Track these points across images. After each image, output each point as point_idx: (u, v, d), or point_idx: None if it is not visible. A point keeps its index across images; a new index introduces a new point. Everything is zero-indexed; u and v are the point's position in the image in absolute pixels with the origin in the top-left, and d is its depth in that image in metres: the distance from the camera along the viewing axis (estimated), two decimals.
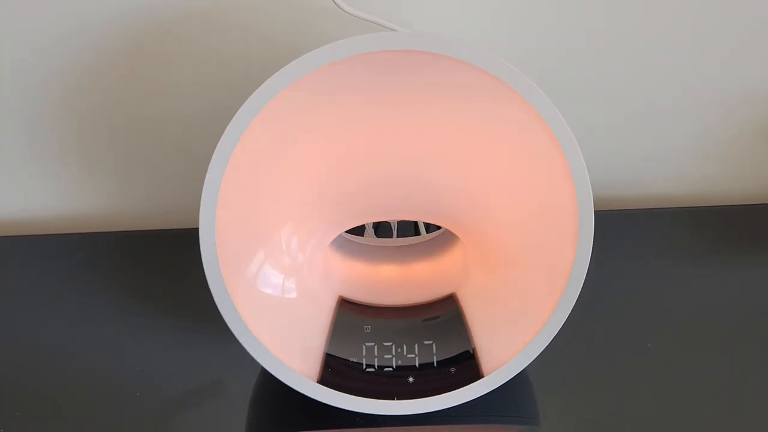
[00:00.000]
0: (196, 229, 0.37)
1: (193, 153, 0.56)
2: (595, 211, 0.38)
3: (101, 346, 0.48)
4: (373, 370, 0.41)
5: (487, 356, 0.41)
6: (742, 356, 0.46)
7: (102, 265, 0.56)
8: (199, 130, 0.55)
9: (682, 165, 0.61)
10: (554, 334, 0.39)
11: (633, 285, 0.52)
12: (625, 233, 0.58)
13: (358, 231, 0.51)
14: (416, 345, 0.42)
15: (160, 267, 0.55)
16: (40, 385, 0.46)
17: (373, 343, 0.42)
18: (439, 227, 0.49)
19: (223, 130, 0.36)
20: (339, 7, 0.46)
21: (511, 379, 0.40)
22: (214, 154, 0.36)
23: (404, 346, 0.42)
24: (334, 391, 0.40)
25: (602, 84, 0.56)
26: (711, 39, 0.54)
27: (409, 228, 0.54)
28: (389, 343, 0.42)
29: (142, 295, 0.52)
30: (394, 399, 0.40)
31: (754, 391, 0.44)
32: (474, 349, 0.41)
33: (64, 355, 0.48)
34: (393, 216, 0.44)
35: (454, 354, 0.41)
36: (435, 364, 0.41)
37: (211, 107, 0.54)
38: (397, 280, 0.46)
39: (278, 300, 0.41)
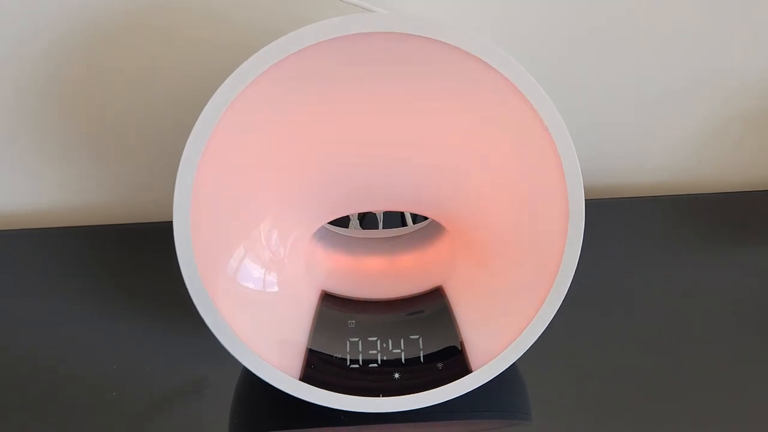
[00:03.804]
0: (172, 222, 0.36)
1: (168, 145, 0.55)
2: (590, 199, 0.37)
3: (75, 344, 0.47)
4: (357, 366, 0.40)
5: (475, 351, 0.40)
6: (735, 346, 0.46)
7: (75, 261, 0.55)
8: (174, 121, 0.54)
9: (673, 153, 0.61)
10: (544, 327, 0.38)
11: (624, 275, 0.52)
12: (616, 222, 0.57)
13: (343, 222, 0.50)
14: (402, 340, 0.41)
15: (136, 261, 0.54)
16: (10, 385, 0.45)
17: (357, 338, 0.41)
18: (426, 218, 0.48)
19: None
20: None
21: (501, 373, 0.39)
22: (187, 146, 0.35)
23: (390, 341, 0.41)
24: (316, 388, 0.39)
25: (594, 71, 0.55)
26: (704, 27, 0.53)
27: (396, 219, 0.53)
28: (374, 338, 0.41)
29: (117, 291, 0.51)
30: (379, 396, 0.39)
31: (748, 381, 0.44)
32: (462, 344, 0.40)
33: (36, 354, 0.47)
34: (378, 206, 0.43)
35: (441, 348, 0.40)
36: (422, 360, 0.40)
37: (186, 97, 0.53)
38: (382, 273, 0.45)
39: (259, 295, 0.40)
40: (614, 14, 0.52)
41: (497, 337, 0.39)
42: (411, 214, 0.52)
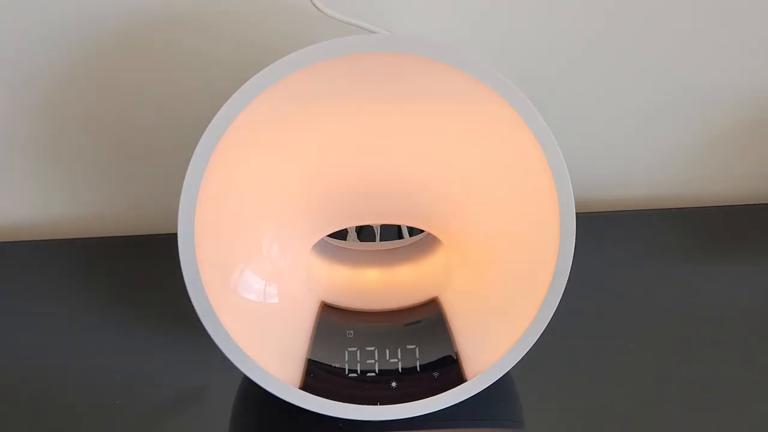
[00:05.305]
0: (176, 235, 0.37)
1: (173, 158, 0.56)
2: (582, 212, 0.38)
3: (79, 354, 0.48)
4: (355, 375, 0.41)
5: (470, 360, 0.40)
6: (728, 356, 0.47)
7: (80, 272, 0.55)
8: (179, 134, 0.55)
9: (668, 166, 0.61)
10: (537, 337, 0.39)
11: (618, 286, 0.53)
12: (612, 234, 0.58)
13: (341, 235, 0.51)
14: (399, 349, 0.41)
15: (139, 273, 0.54)
16: (17, 393, 0.45)
17: (355, 348, 0.41)
18: (422, 231, 0.49)
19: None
20: (319, 11, 0.46)
21: (495, 382, 0.40)
22: (192, 159, 0.36)
23: (387, 351, 0.41)
24: (316, 397, 0.39)
25: (588, 85, 0.56)
26: (697, 40, 0.54)
27: (392, 232, 0.54)
28: (372, 348, 0.41)
29: (121, 302, 0.51)
30: (377, 404, 0.40)
31: (741, 392, 0.44)
32: (457, 353, 0.41)
33: (41, 363, 0.47)
34: (375, 220, 0.44)
35: (437, 358, 0.41)
36: (418, 369, 0.41)
37: (192, 111, 0.54)
38: (379, 285, 0.45)
39: (260, 306, 0.41)
40: (609, 31, 0.53)
41: (491, 347, 0.40)
42: (407, 227, 0.53)
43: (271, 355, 0.40)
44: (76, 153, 0.56)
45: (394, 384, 0.40)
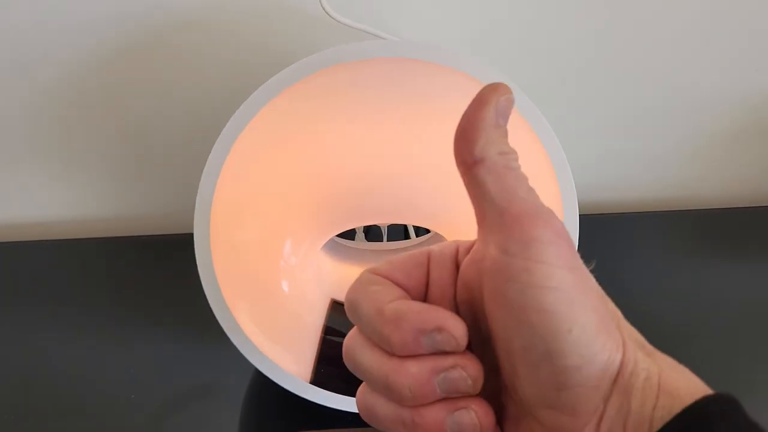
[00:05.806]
0: (190, 234, 0.38)
1: (187, 159, 0.57)
2: (583, 214, 0.38)
3: (95, 349, 0.49)
4: None
5: None
6: (728, 356, 0.47)
7: (96, 270, 0.56)
8: (194, 135, 0.56)
9: (673, 168, 0.62)
10: None
11: (618, 287, 0.52)
12: (617, 236, 0.58)
13: (349, 235, 0.52)
14: None
15: (154, 271, 0.55)
16: (34, 387, 0.46)
17: None
18: (428, 231, 0.50)
19: (217, 136, 0.37)
20: (330, 16, 0.47)
21: None
22: (208, 161, 0.37)
23: None
24: (326, 391, 0.40)
25: (593, 87, 0.56)
26: (701, 41, 0.55)
27: (399, 232, 0.55)
28: None
29: (137, 299, 0.53)
30: None
31: (741, 390, 0.43)
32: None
33: (58, 358, 0.48)
34: (383, 219, 0.44)
35: None
36: None
37: (206, 113, 0.55)
38: None
39: (272, 302, 0.42)
40: (612, 32, 0.53)
41: None
42: (414, 227, 0.54)
43: (283, 350, 0.41)
44: (93, 154, 0.57)
45: None
